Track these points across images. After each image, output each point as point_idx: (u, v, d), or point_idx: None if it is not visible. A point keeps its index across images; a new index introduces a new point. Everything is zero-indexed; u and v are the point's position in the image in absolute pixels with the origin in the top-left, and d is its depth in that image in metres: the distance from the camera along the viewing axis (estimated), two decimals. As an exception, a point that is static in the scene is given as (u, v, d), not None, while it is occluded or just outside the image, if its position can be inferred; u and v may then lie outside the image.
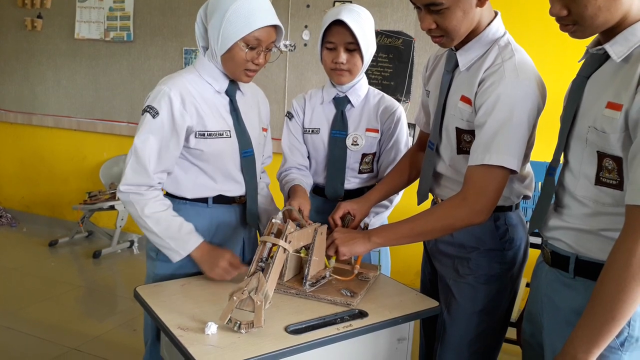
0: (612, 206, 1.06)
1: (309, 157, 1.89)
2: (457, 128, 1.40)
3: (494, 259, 1.44)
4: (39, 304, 3.12)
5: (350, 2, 3.32)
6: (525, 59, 1.32)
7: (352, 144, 1.80)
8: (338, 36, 1.66)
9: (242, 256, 1.69)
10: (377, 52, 3.26)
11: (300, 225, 1.41)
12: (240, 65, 1.49)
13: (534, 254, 1.61)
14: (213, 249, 1.52)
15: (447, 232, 1.40)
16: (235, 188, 1.62)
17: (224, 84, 1.57)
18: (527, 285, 2.61)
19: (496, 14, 1.38)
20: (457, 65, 1.41)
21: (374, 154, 1.84)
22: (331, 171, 1.82)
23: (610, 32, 1.05)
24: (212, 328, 1.17)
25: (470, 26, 1.32)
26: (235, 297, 1.17)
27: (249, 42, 1.46)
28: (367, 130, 1.81)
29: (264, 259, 1.27)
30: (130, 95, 4.07)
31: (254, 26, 1.44)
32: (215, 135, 1.54)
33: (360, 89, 1.81)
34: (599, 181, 1.07)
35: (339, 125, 1.80)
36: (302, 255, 1.46)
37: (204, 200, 1.59)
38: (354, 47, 1.67)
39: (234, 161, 1.59)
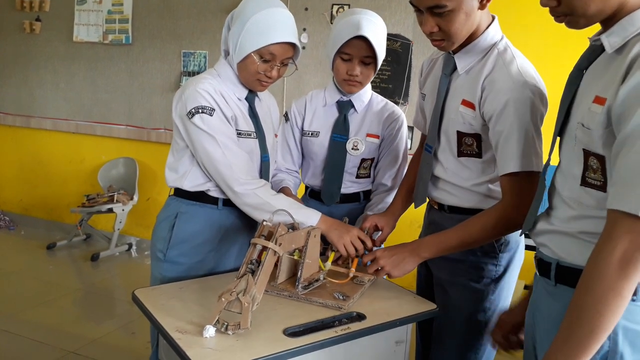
0: (594, 209, 0.99)
1: (306, 160, 1.89)
2: (458, 132, 1.40)
3: (489, 261, 1.45)
4: (37, 307, 3.12)
5: (349, 5, 3.33)
6: (525, 61, 1.33)
7: (352, 149, 1.80)
8: (356, 49, 1.64)
9: None
10: (375, 55, 3.30)
11: (293, 228, 1.41)
12: (252, 75, 1.51)
13: (529, 256, 1.61)
14: (336, 221, 1.53)
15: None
16: None
17: (244, 90, 1.59)
18: (525, 287, 2.63)
19: (493, 17, 1.39)
20: (455, 69, 1.41)
21: (372, 160, 1.84)
22: (329, 175, 1.82)
23: (610, 21, 0.99)
24: (210, 331, 1.17)
25: (471, 29, 1.32)
26: (223, 299, 1.18)
27: (263, 55, 1.48)
28: (368, 135, 1.81)
29: (253, 261, 1.27)
30: (129, 98, 4.07)
31: (269, 40, 1.45)
32: (244, 135, 1.56)
33: (364, 94, 1.81)
34: (584, 181, 1.01)
35: (341, 130, 1.80)
36: (295, 257, 1.46)
37: (214, 201, 1.59)
38: (370, 60, 1.67)
39: (256, 164, 1.60)
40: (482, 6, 1.29)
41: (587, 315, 0.88)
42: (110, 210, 3.90)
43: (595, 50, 1.03)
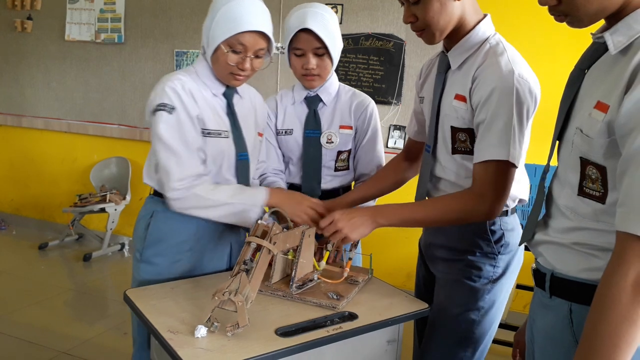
0: (591, 220, 0.95)
1: (285, 158, 1.89)
2: (452, 127, 1.41)
3: (488, 262, 1.44)
4: (29, 307, 3.10)
5: (342, 5, 3.33)
6: (517, 55, 1.33)
7: (326, 142, 1.81)
8: (306, 43, 1.66)
9: (229, 261, 1.66)
10: (368, 55, 3.32)
11: (287, 228, 1.41)
12: (225, 68, 1.49)
13: (529, 257, 1.61)
14: (287, 193, 1.52)
15: (454, 224, 1.40)
16: None
17: (221, 86, 1.56)
18: (517, 286, 2.64)
19: (485, 15, 1.39)
20: (449, 67, 1.42)
21: (349, 151, 1.85)
22: (307, 171, 1.83)
23: (614, 18, 0.92)
24: (201, 331, 1.17)
25: (450, 20, 1.33)
26: (216, 298, 1.18)
27: (233, 46, 1.45)
28: (341, 127, 1.82)
29: (246, 261, 1.27)
30: (121, 97, 4.05)
31: (237, 29, 1.42)
32: (214, 134, 1.53)
33: (330, 86, 1.82)
34: (581, 191, 0.96)
35: (312, 125, 1.81)
36: (289, 257, 1.46)
37: None
38: (322, 51, 1.68)
39: (229, 164, 1.58)
40: None
41: (602, 347, 0.83)
42: (103, 210, 3.88)
43: (598, 49, 0.97)
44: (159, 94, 1.47)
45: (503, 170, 1.29)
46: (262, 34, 1.47)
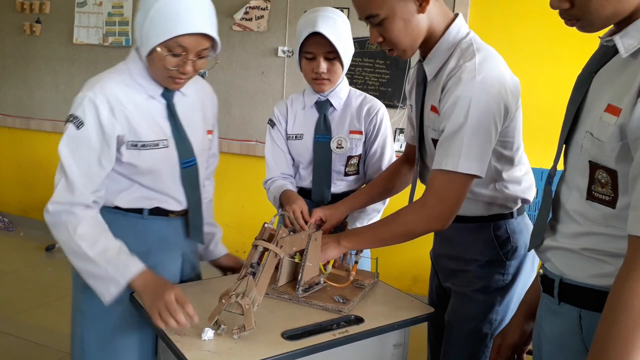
0: (600, 225, 0.94)
1: (293, 163, 1.89)
2: (432, 139, 1.37)
3: (495, 270, 1.40)
4: (35, 308, 3.12)
5: (348, 9, 3.34)
6: (488, 57, 1.25)
7: (337, 147, 1.81)
8: (317, 47, 1.66)
9: (181, 273, 1.55)
10: (374, 58, 3.32)
11: (294, 231, 1.42)
12: (163, 71, 1.32)
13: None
14: (159, 279, 1.32)
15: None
16: (175, 203, 1.47)
17: (158, 87, 1.38)
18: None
19: (456, 15, 1.33)
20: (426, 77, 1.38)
21: (359, 156, 1.84)
22: (317, 176, 1.83)
23: (625, 22, 0.91)
24: (208, 334, 1.18)
25: (418, 34, 1.28)
26: (223, 301, 1.18)
27: (172, 49, 1.27)
28: (351, 132, 1.82)
29: (253, 264, 1.27)
30: (128, 100, 4.06)
31: (175, 32, 1.24)
32: (150, 146, 1.37)
33: (341, 91, 1.82)
34: (590, 195, 0.95)
35: (322, 130, 1.81)
36: (296, 260, 1.46)
37: (139, 210, 1.43)
38: (333, 55, 1.68)
39: (172, 175, 1.43)
40: (421, 9, 1.25)
41: (614, 354, 0.82)
42: (109, 212, 3.89)
43: (607, 52, 0.96)
44: (77, 103, 1.32)
45: (450, 180, 1.25)
46: (206, 34, 1.29)
